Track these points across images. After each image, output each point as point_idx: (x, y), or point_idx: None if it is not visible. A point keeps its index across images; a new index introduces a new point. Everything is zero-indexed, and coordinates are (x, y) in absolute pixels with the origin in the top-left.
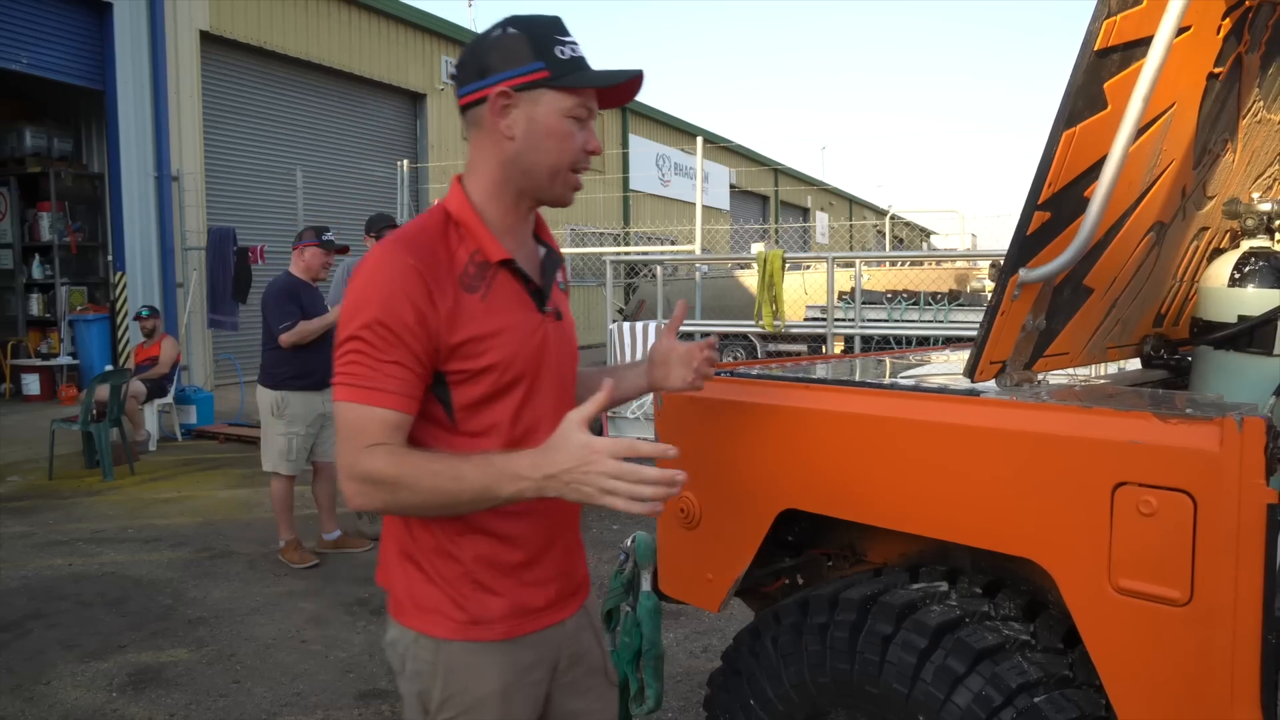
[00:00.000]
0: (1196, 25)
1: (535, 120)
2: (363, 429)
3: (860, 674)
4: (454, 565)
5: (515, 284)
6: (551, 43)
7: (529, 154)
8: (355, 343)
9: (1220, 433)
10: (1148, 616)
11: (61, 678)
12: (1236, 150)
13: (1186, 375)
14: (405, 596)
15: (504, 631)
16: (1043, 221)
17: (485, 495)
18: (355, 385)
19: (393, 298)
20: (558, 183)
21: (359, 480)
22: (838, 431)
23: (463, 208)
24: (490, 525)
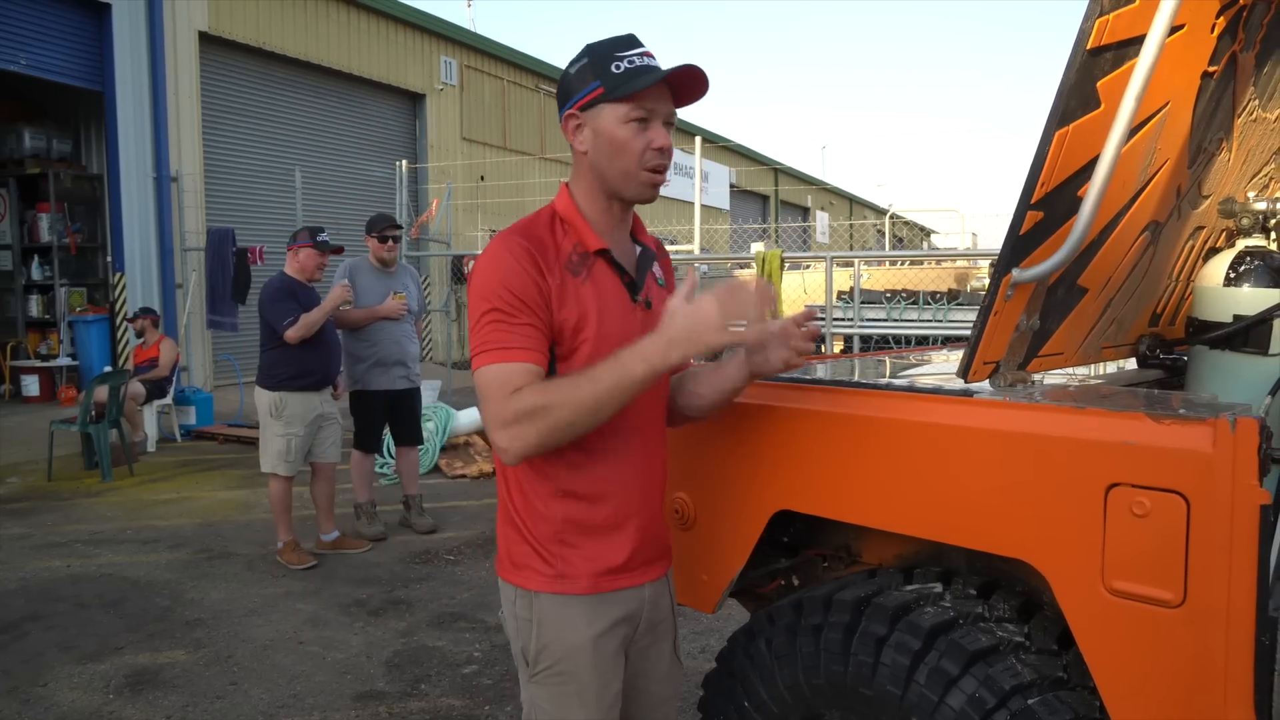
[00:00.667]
0: (1190, 24)
1: (599, 132)
2: (506, 380)
3: (854, 675)
4: (544, 524)
5: (612, 274)
6: (609, 60)
7: (601, 162)
8: (490, 314)
9: (1213, 433)
10: (1141, 618)
11: (59, 679)
12: (1232, 149)
13: (1182, 375)
14: (505, 555)
15: (589, 586)
16: (1036, 221)
17: (622, 382)
18: (495, 349)
19: (514, 271)
20: (632, 182)
21: (513, 421)
22: (832, 432)
23: (567, 206)
24: (578, 488)
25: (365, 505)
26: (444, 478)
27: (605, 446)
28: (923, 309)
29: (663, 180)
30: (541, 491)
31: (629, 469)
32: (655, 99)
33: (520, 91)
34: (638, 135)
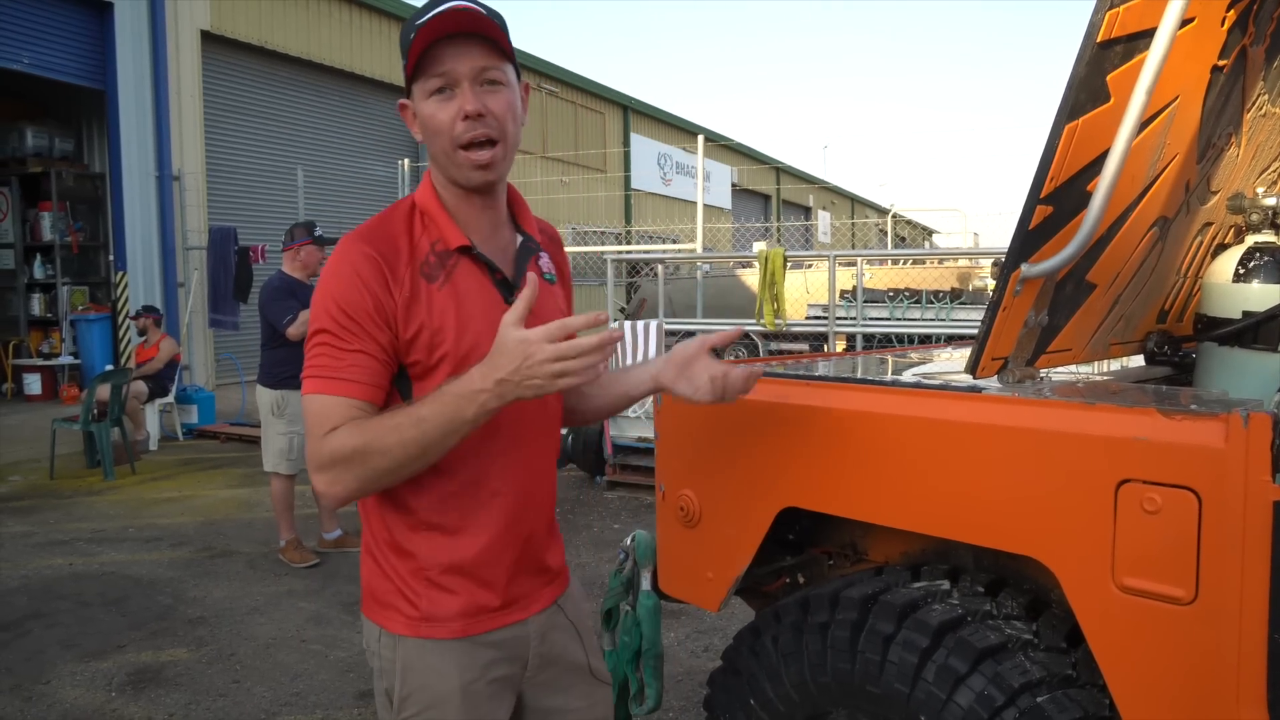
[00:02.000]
0: (1200, 17)
1: (420, 116)
2: (324, 415)
3: (861, 673)
4: (407, 560)
5: (480, 274)
6: (406, 33)
7: (430, 149)
8: (320, 335)
9: (1225, 429)
10: (1152, 615)
11: (61, 677)
12: (1241, 144)
13: (1190, 372)
14: (367, 591)
15: (459, 630)
16: (1045, 216)
17: (452, 424)
18: (319, 376)
19: (352, 286)
20: (455, 166)
21: (327, 465)
22: (839, 429)
23: (427, 198)
24: (444, 521)
25: None
26: None
27: (476, 471)
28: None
29: (487, 157)
30: (402, 524)
31: (505, 494)
32: (449, 58)
33: None
34: (442, 108)
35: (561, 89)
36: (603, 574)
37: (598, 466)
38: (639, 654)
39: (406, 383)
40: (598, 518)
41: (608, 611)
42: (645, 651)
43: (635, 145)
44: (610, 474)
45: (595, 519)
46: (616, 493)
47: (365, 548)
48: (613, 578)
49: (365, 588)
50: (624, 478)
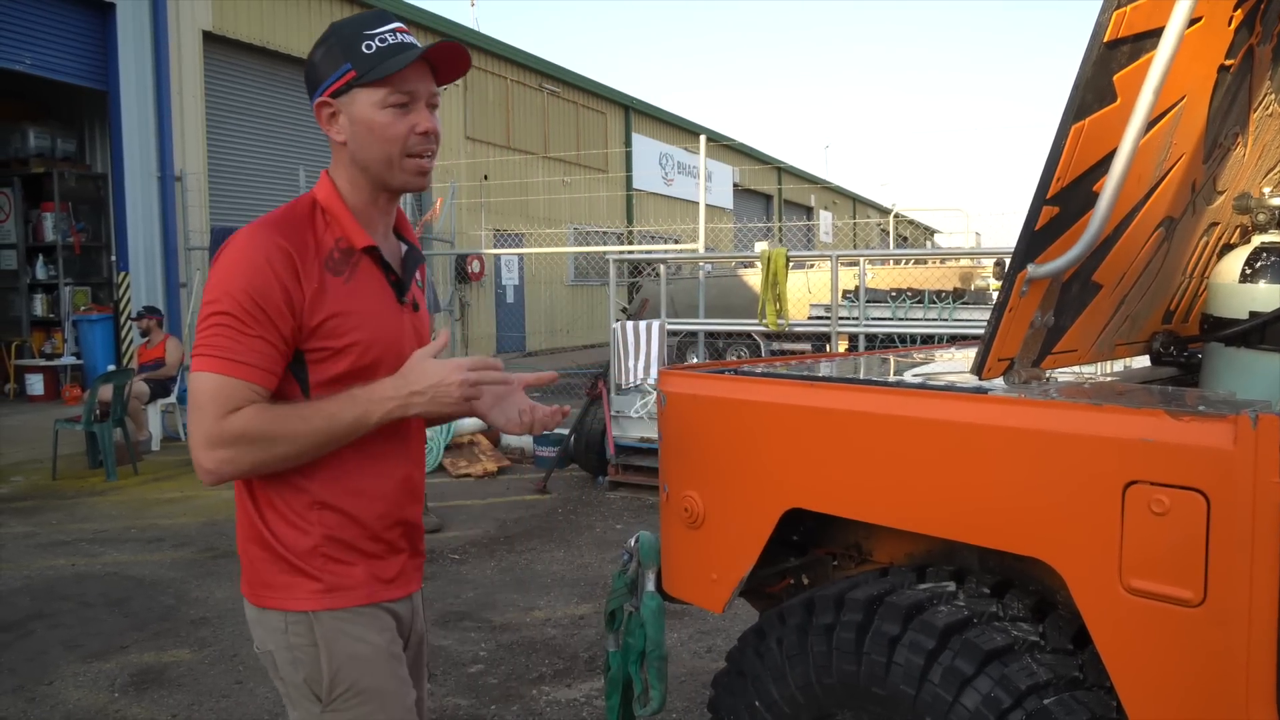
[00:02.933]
0: (1207, 17)
1: (355, 120)
2: (227, 396)
3: (867, 675)
4: (304, 539)
5: (377, 273)
6: (359, 40)
7: (360, 152)
8: (222, 316)
9: (1234, 430)
10: (1160, 617)
11: (64, 678)
12: (1247, 144)
13: (1196, 373)
14: (257, 580)
15: (366, 596)
16: (1051, 216)
17: (358, 424)
18: (218, 356)
19: (260, 275)
20: (397, 171)
21: (227, 443)
22: (844, 430)
23: (330, 197)
24: (337, 500)
25: None
26: (448, 476)
27: (367, 453)
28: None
29: (430, 166)
30: (296, 504)
31: (392, 475)
32: (415, 79)
33: (524, 91)
34: (398, 120)
35: (563, 89)
36: (605, 574)
37: (600, 467)
38: (643, 655)
39: (303, 369)
40: (600, 518)
41: (612, 613)
42: (649, 653)
43: (637, 145)
44: (612, 474)
45: (598, 519)
46: (619, 493)
47: (249, 536)
48: (617, 579)
49: (255, 578)
50: (626, 478)
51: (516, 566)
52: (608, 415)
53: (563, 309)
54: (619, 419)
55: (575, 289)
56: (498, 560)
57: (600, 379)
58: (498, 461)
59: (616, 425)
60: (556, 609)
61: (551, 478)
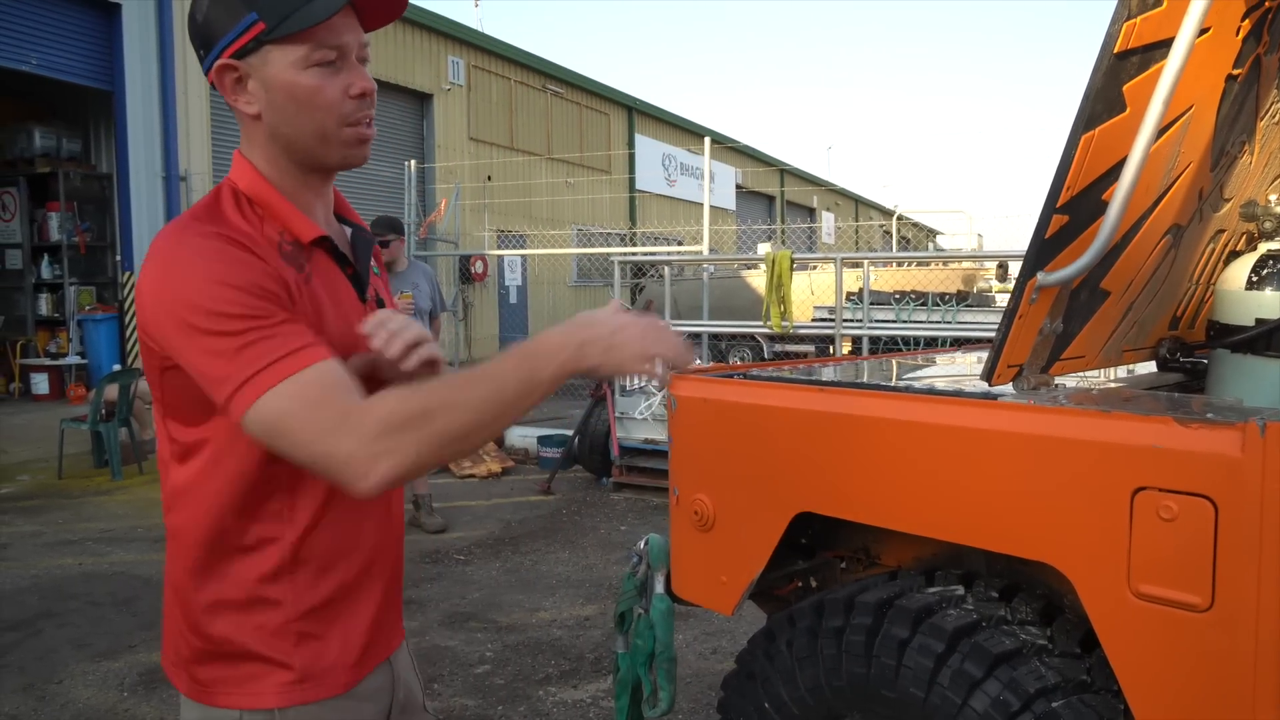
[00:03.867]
0: (1216, 27)
1: (271, 85)
2: (330, 382)
3: (876, 678)
4: (272, 613)
5: (333, 268)
6: None
7: (282, 126)
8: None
9: (1242, 438)
10: (1168, 622)
11: (73, 677)
12: (1254, 152)
13: (1202, 379)
14: (202, 675)
15: (343, 683)
16: (1061, 225)
17: (528, 385)
18: (275, 360)
19: (236, 261)
20: (333, 144)
21: (380, 432)
22: (854, 435)
23: (255, 183)
24: (316, 552)
25: (425, 498)
26: (453, 477)
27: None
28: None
29: (371, 134)
30: (263, 566)
31: (373, 514)
32: (343, 29)
33: (527, 91)
34: (328, 82)
35: (566, 90)
36: (610, 575)
37: (604, 468)
38: (652, 656)
39: None
40: (604, 519)
41: (621, 614)
42: (658, 654)
43: (640, 146)
44: (616, 475)
45: (602, 520)
46: (623, 494)
47: (181, 614)
48: (626, 581)
49: (197, 673)
50: (630, 479)
51: (521, 567)
52: (612, 417)
53: (566, 309)
54: (623, 420)
55: (578, 289)
56: (503, 561)
57: (604, 381)
58: (502, 462)
59: (621, 427)
60: (562, 610)
61: (556, 478)
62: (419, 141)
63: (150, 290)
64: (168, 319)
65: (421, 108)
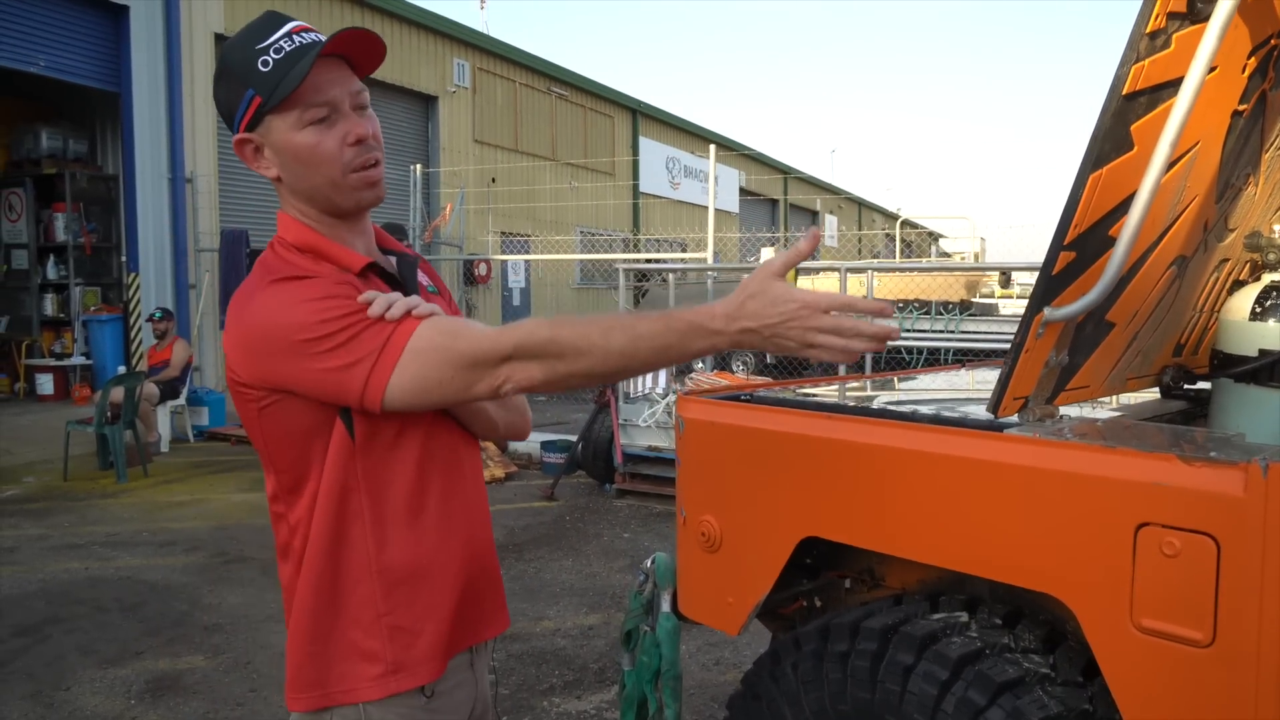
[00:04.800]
0: (1222, 65)
1: (278, 149)
2: (453, 330)
3: (881, 704)
4: (364, 610)
5: (386, 290)
6: (253, 58)
7: (297, 183)
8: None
9: (1245, 477)
10: (1170, 656)
11: (81, 684)
12: (1259, 183)
13: (1205, 406)
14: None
15: (433, 671)
16: (1068, 261)
17: (671, 352)
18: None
19: (321, 285)
20: (343, 193)
21: (510, 358)
22: (861, 462)
23: (304, 235)
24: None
25: None
26: None
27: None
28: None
29: (379, 174)
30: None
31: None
32: (328, 85)
33: (532, 94)
34: (325, 136)
35: (571, 92)
36: (613, 583)
37: (607, 474)
38: (658, 674)
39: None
40: (607, 526)
41: (628, 632)
42: (665, 672)
43: (643, 149)
44: (620, 482)
45: (605, 527)
46: (626, 501)
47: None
48: (633, 599)
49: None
50: (633, 486)
51: (525, 575)
52: (615, 423)
53: (569, 311)
54: (627, 427)
55: (582, 291)
56: (506, 568)
57: (609, 387)
58: (505, 468)
59: (624, 433)
60: (565, 619)
61: (559, 485)
62: (424, 144)
63: (247, 335)
64: (278, 351)
65: (426, 110)
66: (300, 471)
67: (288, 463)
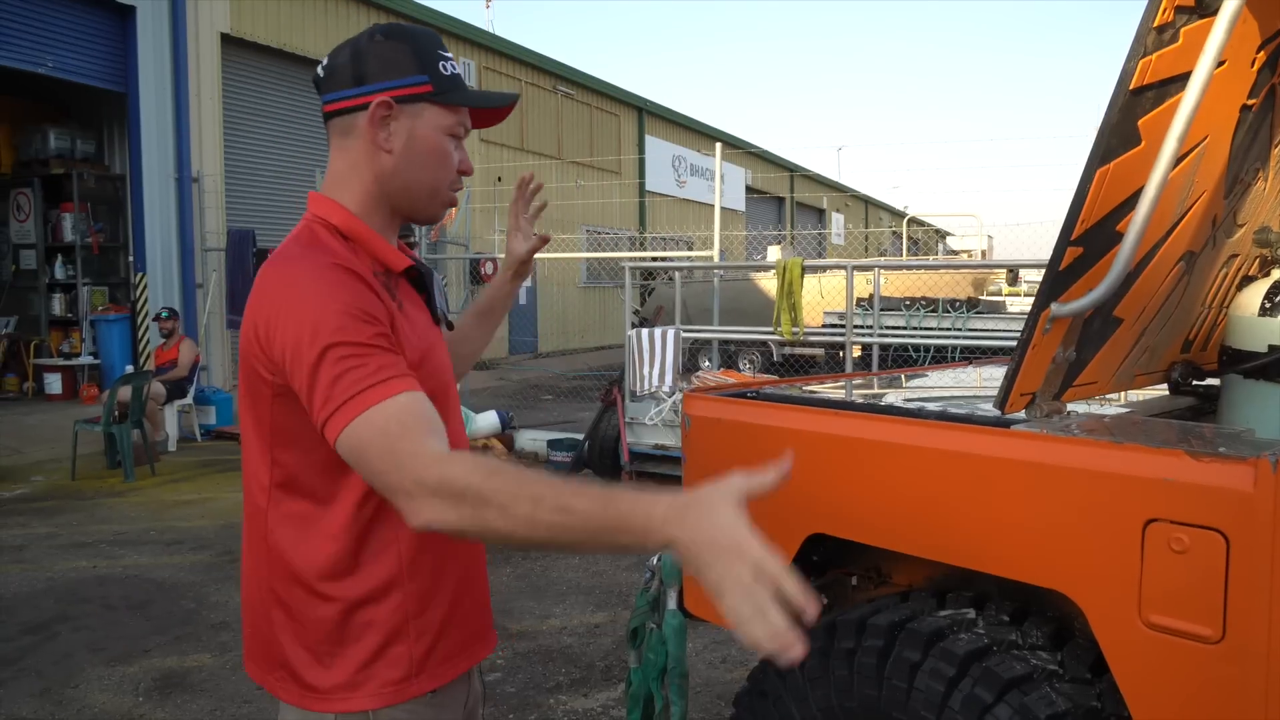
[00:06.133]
0: (1231, 60)
1: (416, 135)
2: (410, 423)
3: (888, 700)
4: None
5: (416, 295)
6: (435, 57)
7: (407, 170)
8: (338, 350)
9: (1254, 473)
10: (1179, 653)
11: (89, 681)
12: (1268, 178)
13: (1214, 402)
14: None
15: (434, 679)
16: (1075, 257)
17: (599, 540)
18: (368, 387)
19: (348, 289)
20: (436, 202)
21: (431, 493)
22: (867, 459)
23: (349, 221)
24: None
25: None
26: None
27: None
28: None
29: (455, 203)
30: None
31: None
32: (469, 118)
33: (538, 93)
34: (454, 151)
35: (577, 91)
36: (620, 581)
37: (614, 473)
38: (664, 671)
39: None
40: None
41: (634, 630)
42: (671, 670)
43: (650, 147)
44: (626, 480)
45: None
46: None
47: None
48: (639, 596)
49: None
50: (640, 484)
51: (532, 573)
52: (622, 421)
53: (575, 311)
54: (633, 425)
55: (587, 290)
56: (513, 566)
57: (615, 385)
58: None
59: (631, 432)
60: (572, 617)
61: None
62: None
63: (276, 316)
64: (299, 342)
65: None
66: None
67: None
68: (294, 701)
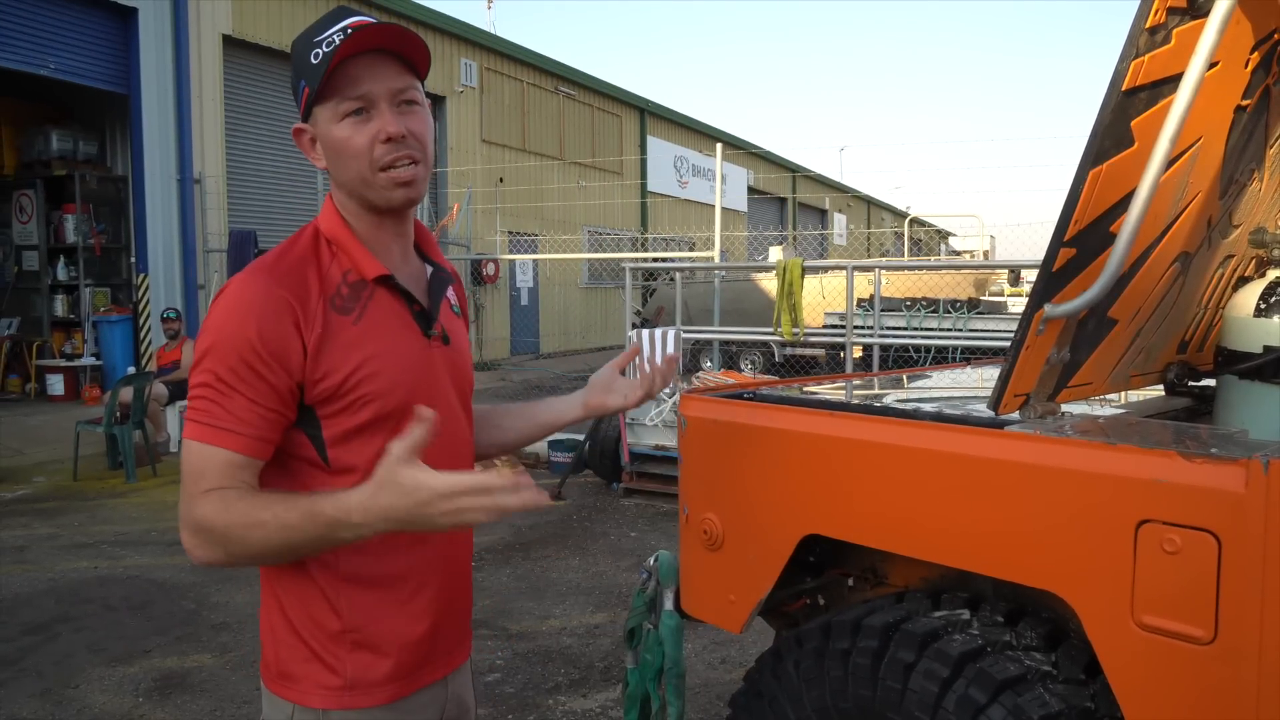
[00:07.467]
0: (1224, 60)
1: (325, 140)
2: (201, 472)
3: (882, 701)
4: (328, 620)
5: (397, 304)
6: (308, 51)
7: (338, 175)
8: (207, 376)
9: (1246, 474)
10: (1171, 654)
11: (89, 681)
12: (1263, 179)
13: (1210, 403)
14: (272, 660)
15: (391, 693)
16: (1068, 258)
17: (324, 543)
18: (199, 423)
19: (251, 328)
20: (373, 189)
21: (192, 530)
22: (863, 459)
23: (335, 225)
24: (375, 572)
25: None
26: None
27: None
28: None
29: (409, 175)
30: (320, 579)
31: (432, 539)
32: (366, 79)
33: (539, 93)
34: (358, 131)
35: (579, 91)
36: (620, 582)
37: (614, 474)
38: (661, 672)
39: (316, 426)
40: (614, 525)
41: (631, 630)
42: (668, 670)
43: (651, 148)
44: (626, 481)
45: (612, 526)
46: (633, 500)
47: (269, 609)
48: (636, 597)
49: (270, 657)
50: (640, 485)
51: (532, 574)
52: (622, 422)
53: (576, 311)
54: (634, 426)
55: (589, 290)
56: (513, 567)
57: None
58: (513, 467)
59: (631, 432)
60: (572, 617)
61: (566, 484)
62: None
63: (208, 315)
64: (198, 349)
65: (434, 110)
66: None
67: None
68: (265, 683)
